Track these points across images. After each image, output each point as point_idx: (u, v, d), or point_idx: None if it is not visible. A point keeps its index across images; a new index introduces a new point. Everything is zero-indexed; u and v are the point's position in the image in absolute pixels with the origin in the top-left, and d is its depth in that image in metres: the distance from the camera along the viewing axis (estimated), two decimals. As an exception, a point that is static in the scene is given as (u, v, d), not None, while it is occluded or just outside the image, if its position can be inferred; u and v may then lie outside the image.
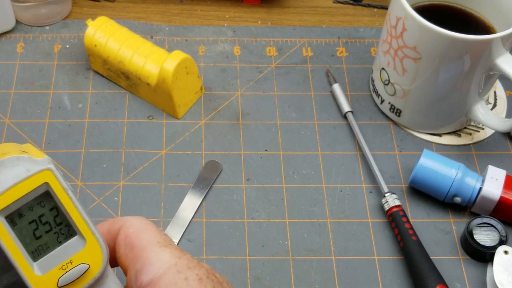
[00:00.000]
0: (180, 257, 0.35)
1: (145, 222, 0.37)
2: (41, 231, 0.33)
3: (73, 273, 0.33)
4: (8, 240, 0.32)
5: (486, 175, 0.54)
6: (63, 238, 0.34)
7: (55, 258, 0.33)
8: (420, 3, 0.59)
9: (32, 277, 0.33)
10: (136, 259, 0.35)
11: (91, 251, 0.33)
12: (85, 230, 0.33)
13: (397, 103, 0.60)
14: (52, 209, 0.33)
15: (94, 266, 0.33)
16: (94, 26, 0.61)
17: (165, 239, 0.36)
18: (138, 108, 0.61)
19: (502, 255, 0.51)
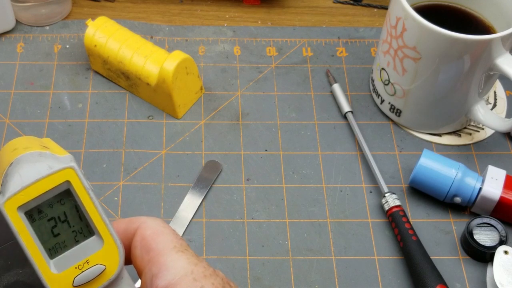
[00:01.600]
0: (196, 264, 0.34)
1: (162, 225, 0.36)
2: (60, 229, 0.33)
3: (89, 273, 0.33)
4: (26, 236, 0.32)
5: (486, 175, 0.54)
6: (81, 238, 0.33)
7: (72, 257, 0.33)
8: (420, 3, 0.59)
9: (48, 274, 0.32)
10: (152, 263, 0.35)
11: (108, 252, 0.33)
12: (104, 231, 0.33)
13: (397, 103, 0.60)
14: (72, 208, 0.33)
15: (110, 268, 0.33)
16: (94, 26, 0.61)
17: (181, 244, 0.35)
18: (138, 108, 0.61)
19: (502, 255, 0.51)
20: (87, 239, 0.33)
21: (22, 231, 0.32)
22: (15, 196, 0.31)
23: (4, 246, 0.51)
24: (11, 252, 0.50)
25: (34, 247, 0.32)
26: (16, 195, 0.31)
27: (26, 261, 0.33)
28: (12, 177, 0.32)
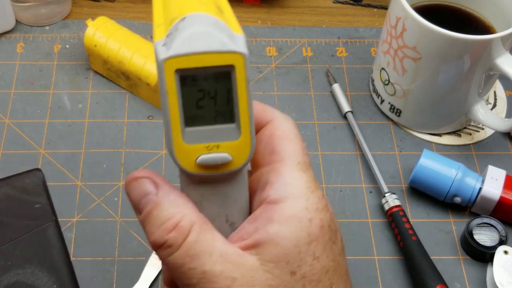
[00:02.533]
0: (313, 191, 0.33)
1: (294, 131, 0.35)
2: (205, 103, 0.32)
3: (215, 158, 0.32)
4: (173, 97, 0.31)
5: (486, 175, 0.54)
6: (221, 121, 0.32)
7: (205, 135, 0.32)
8: (420, 3, 0.59)
9: (178, 141, 0.32)
10: (271, 168, 0.34)
11: (240, 146, 0.32)
12: (245, 125, 0.32)
13: (397, 103, 0.60)
14: (224, 89, 0.32)
15: (236, 161, 0.32)
16: (94, 26, 0.61)
17: (305, 162, 0.34)
18: (138, 108, 0.61)
19: (502, 255, 0.51)
20: (226, 125, 0.32)
21: (171, 90, 0.31)
22: (179, 58, 0.30)
23: (4, 246, 0.51)
24: (11, 252, 0.50)
25: (176, 110, 0.31)
26: (180, 58, 0.30)
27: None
28: (181, 36, 0.31)
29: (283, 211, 0.32)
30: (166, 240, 0.32)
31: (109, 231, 0.53)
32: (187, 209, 0.33)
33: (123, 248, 0.52)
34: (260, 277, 0.32)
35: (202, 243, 0.32)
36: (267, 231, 0.32)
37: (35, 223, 0.52)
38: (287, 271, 0.32)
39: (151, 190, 0.33)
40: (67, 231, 0.53)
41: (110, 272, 0.51)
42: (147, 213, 0.33)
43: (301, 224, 0.32)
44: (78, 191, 0.55)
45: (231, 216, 0.34)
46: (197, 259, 0.32)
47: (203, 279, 0.32)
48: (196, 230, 0.32)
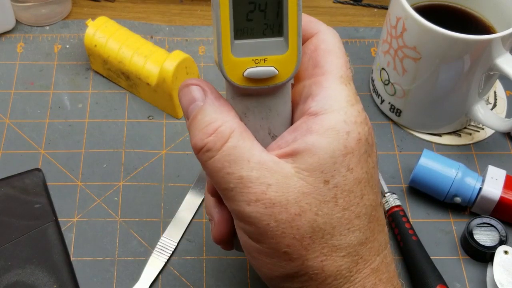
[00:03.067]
0: (353, 104, 0.34)
1: (338, 45, 0.36)
2: (255, 16, 0.32)
3: (262, 71, 0.33)
4: (225, 7, 0.32)
5: (486, 175, 0.54)
6: (269, 34, 0.33)
7: (253, 48, 0.33)
8: (420, 3, 0.59)
9: (227, 53, 0.32)
10: (314, 81, 0.35)
11: (287, 60, 0.33)
12: (293, 39, 0.33)
13: (397, 103, 0.60)
14: (275, 3, 0.32)
15: (282, 75, 0.33)
16: (94, 26, 0.61)
17: (348, 76, 0.35)
18: (138, 108, 0.61)
19: (502, 255, 0.51)
20: (274, 38, 0.33)
21: (223, 2, 0.31)
22: None
23: (4, 246, 0.51)
24: (11, 252, 0.50)
25: (226, 22, 0.32)
26: None
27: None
28: None
29: (322, 123, 0.33)
30: (205, 143, 0.33)
31: (109, 231, 0.53)
32: (229, 116, 0.34)
33: (123, 248, 0.52)
34: (294, 184, 0.33)
35: (240, 149, 0.33)
36: (305, 141, 0.33)
37: (35, 223, 0.52)
38: (321, 180, 0.33)
39: (199, 96, 0.35)
40: (67, 231, 0.53)
41: (110, 272, 0.51)
42: (193, 118, 0.35)
43: (339, 136, 0.33)
44: (78, 191, 0.55)
45: (273, 129, 0.35)
46: (234, 164, 0.33)
47: (239, 184, 0.33)
48: (235, 137, 0.33)
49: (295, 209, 0.33)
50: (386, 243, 0.36)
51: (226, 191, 0.34)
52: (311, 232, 0.33)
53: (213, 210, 0.39)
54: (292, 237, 0.33)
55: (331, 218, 0.33)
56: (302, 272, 0.34)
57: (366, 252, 0.34)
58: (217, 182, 0.34)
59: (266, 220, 0.33)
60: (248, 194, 0.33)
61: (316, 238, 0.33)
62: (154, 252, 0.52)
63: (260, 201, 0.33)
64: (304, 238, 0.33)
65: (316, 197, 0.33)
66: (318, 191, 0.33)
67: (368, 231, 0.34)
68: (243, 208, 0.33)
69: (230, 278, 0.51)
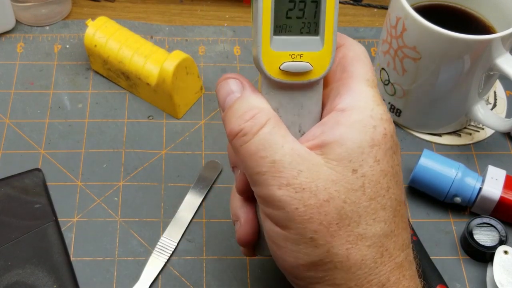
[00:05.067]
0: (379, 104, 0.36)
1: (364, 54, 0.38)
2: (294, 13, 0.35)
3: (297, 66, 0.35)
4: (267, 3, 0.34)
5: (486, 175, 0.54)
6: (306, 32, 0.35)
7: (290, 44, 0.35)
8: (420, 3, 0.59)
9: (266, 46, 0.34)
10: (342, 83, 0.36)
11: (322, 57, 0.35)
12: (329, 37, 0.35)
13: (397, 103, 0.60)
14: (314, 2, 0.34)
15: (316, 71, 0.35)
16: (94, 26, 0.61)
17: (373, 80, 0.37)
18: (138, 108, 0.61)
19: (502, 255, 0.51)
20: (311, 36, 0.35)
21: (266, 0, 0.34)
22: None
23: (4, 246, 0.51)
24: (11, 252, 0.50)
25: (268, 17, 0.34)
26: None
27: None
28: None
29: (349, 117, 0.35)
30: (242, 128, 0.35)
31: (109, 231, 0.53)
32: (265, 106, 0.36)
33: (123, 248, 0.52)
34: (324, 172, 0.34)
35: (275, 135, 0.35)
36: (333, 133, 0.35)
37: (35, 223, 0.52)
38: (349, 169, 0.34)
39: (236, 89, 0.37)
40: (67, 231, 0.53)
41: (110, 272, 0.51)
42: (230, 107, 0.36)
43: (366, 129, 0.35)
44: (78, 191, 0.55)
45: (304, 126, 0.37)
46: (269, 148, 0.34)
47: (272, 167, 0.34)
48: (271, 124, 0.35)
49: (324, 195, 0.33)
50: (409, 242, 0.37)
51: (258, 175, 0.34)
52: (338, 219, 0.34)
53: (240, 210, 0.40)
54: (319, 223, 0.33)
55: (358, 206, 0.34)
56: (327, 259, 0.34)
57: (391, 245, 0.35)
58: (249, 167, 0.35)
59: (295, 205, 0.33)
60: (279, 178, 0.34)
61: (343, 226, 0.34)
62: (154, 252, 0.52)
63: (291, 185, 0.33)
64: (331, 225, 0.34)
65: (344, 185, 0.34)
66: (346, 179, 0.34)
67: (393, 224, 0.35)
68: (273, 191, 0.34)
69: (230, 278, 0.51)
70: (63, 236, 0.52)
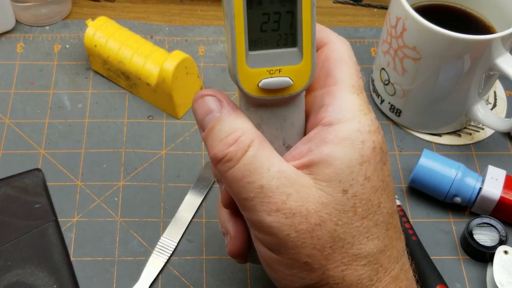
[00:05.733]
0: (366, 114, 0.34)
1: (349, 54, 0.36)
2: (269, 26, 0.33)
3: (276, 82, 0.33)
4: (239, 19, 0.32)
5: (486, 175, 0.54)
6: (283, 44, 0.33)
7: (267, 59, 0.33)
8: (420, 3, 0.59)
9: (242, 64, 0.32)
10: (326, 92, 0.35)
11: (301, 70, 0.33)
12: (307, 48, 0.33)
13: (397, 103, 0.60)
14: (289, 13, 0.32)
15: (296, 85, 0.33)
16: (94, 26, 0.61)
17: (359, 85, 0.35)
18: (138, 108, 0.61)
19: (502, 255, 0.51)
20: (288, 49, 0.33)
21: (238, 13, 0.31)
22: None
23: (4, 246, 0.51)
24: (11, 252, 0.50)
25: (241, 33, 0.32)
26: None
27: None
28: None
29: (336, 133, 0.33)
30: (226, 153, 0.33)
31: (109, 231, 0.53)
32: (247, 126, 0.34)
33: (123, 248, 0.52)
34: (314, 195, 0.33)
35: (260, 158, 0.33)
36: (320, 152, 0.33)
37: (35, 223, 0.52)
38: (339, 189, 0.33)
39: (214, 107, 0.35)
40: (67, 231, 0.53)
41: (110, 272, 0.51)
42: (210, 129, 0.34)
43: (354, 146, 0.33)
44: (78, 191, 0.55)
45: (288, 139, 0.35)
46: (255, 173, 0.33)
47: (260, 193, 0.33)
48: (255, 146, 0.33)
49: (315, 219, 0.33)
50: (403, 250, 0.36)
51: (246, 201, 0.33)
52: (331, 242, 0.33)
53: (228, 224, 0.39)
54: (313, 247, 0.33)
55: (351, 227, 0.33)
56: (323, 282, 0.34)
57: (386, 260, 0.34)
58: (236, 192, 0.34)
59: (286, 231, 0.33)
60: (268, 204, 0.33)
61: (337, 248, 0.33)
62: (154, 252, 0.52)
63: (280, 211, 0.32)
64: (324, 248, 0.33)
65: (335, 207, 0.33)
66: (337, 201, 0.33)
67: (386, 239, 0.34)
68: (263, 218, 0.33)
69: (230, 278, 0.51)
70: (63, 236, 0.52)
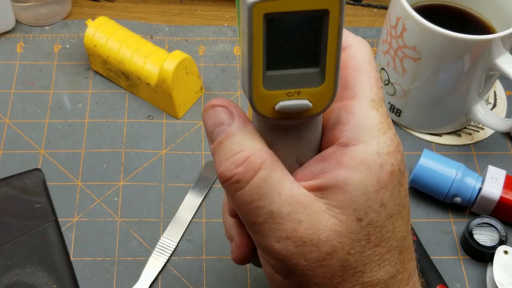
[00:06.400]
0: (385, 132, 0.33)
1: (369, 60, 0.33)
2: (290, 46, 0.29)
3: (295, 105, 0.30)
4: (259, 41, 0.28)
5: (486, 175, 0.54)
6: (304, 65, 0.30)
7: (286, 80, 0.30)
8: (420, 3, 0.59)
9: (258, 87, 0.30)
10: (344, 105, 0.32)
11: (322, 93, 0.30)
12: (331, 69, 0.30)
13: (397, 103, 0.60)
14: (312, 33, 0.29)
15: (316, 107, 0.31)
16: (94, 26, 0.61)
17: (380, 98, 0.33)
18: (138, 108, 0.61)
19: (502, 255, 0.51)
20: (309, 70, 0.30)
21: (257, 35, 0.28)
22: (269, 3, 0.28)
23: (4, 246, 0.51)
24: (11, 252, 0.50)
25: (259, 52, 0.29)
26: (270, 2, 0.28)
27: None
28: None
29: (353, 156, 0.31)
30: (234, 174, 0.31)
31: (109, 231, 0.53)
32: (259, 144, 0.32)
33: (123, 248, 0.52)
34: (326, 222, 0.31)
35: (271, 181, 0.31)
36: (335, 176, 0.31)
37: (35, 223, 0.52)
38: (354, 217, 0.31)
39: (225, 120, 0.33)
40: (67, 231, 0.53)
41: (110, 272, 0.51)
42: (219, 143, 0.32)
43: (371, 171, 0.31)
44: (78, 191, 0.55)
45: (302, 157, 0.33)
46: (265, 197, 0.31)
47: (270, 219, 0.31)
48: (266, 168, 0.31)
49: (327, 248, 0.31)
50: (414, 269, 0.35)
51: (255, 225, 0.32)
52: (342, 270, 0.31)
53: (234, 231, 0.38)
54: (322, 276, 0.31)
55: (363, 256, 0.32)
56: None
57: (396, 284, 0.33)
58: (245, 215, 0.32)
59: (296, 259, 0.31)
60: (278, 231, 0.31)
61: (347, 277, 0.32)
62: (154, 252, 0.52)
63: (290, 239, 0.31)
64: (334, 277, 0.32)
65: (348, 235, 0.31)
66: (350, 229, 0.31)
67: (398, 264, 0.33)
68: (272, 244, 0.31)
69: (230, 278, 0.51)
70: (63, 236, 0.52)
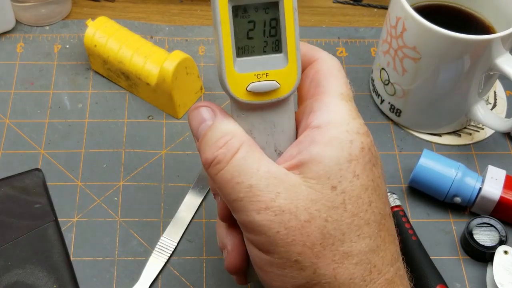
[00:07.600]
0: (354, 118, 0.35)
1: (338, 68, 0.37)
2: (255, 34, 0.34)
3: (264, 85, 0.35)
4: (226, 28, 0.33)
5: (486, 175, 0.54)
6: (269, 50, 0.35)
7: (254, 64, 0.35)
8: (420, 3, 0.59)
9: (230, 70, 0.34)
10: (315, 99, 0.36)
11: (287, 73, 0.35)
12: (292, 53, 0.35)
13: (397, 103, 0.60)
14: (273, 20, 0.34)
15: (284, 88, 0.35)
16: (94, 26, 0.61)
17: (348, 94, 0.36)
18: (138, 108, 0.61)
19: (502, 255, 0.51)
20: (274, 54, 0.35)
21: (224, 21, 0.33)
22: None
23: (4, 246, 0.51)
24: (11, 252, 0.50)
25: (228, 40, 0.34)
26: None
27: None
28: None
29: (325, 134, 0.34)
30: (216, 156, 0.34)
31: (109, 231, 0.53)
32: (237, 130, 0.35)
33: (123, 248, 0.52)
34: (303, 192, 0.33)
35: (249, 160, 0.34)
36: (309, 152, 0.34)
37: (35, 223, 0.52)
38: (328, 186, 0.33)
39: (208, 117, 0.36)
40: (67, 231, 0.53)
41: (110, 272, 0.51)
42: (203, 136, 0.36)
43: (342, 145, 0.34)
44: (78, 191, 0.55)
45: (279, 145, 0.37)
46: (244, 173, 0.34)
47: (249, 192, 0.33)
48: (244, 148, 0.34)
49: (305, 215, 0.33)
50: (398, 255, 0.36)
51: (236, 202, 0.34)
52: (321, 238, 0.33)
53: (226, 238, 0.40)
54: (303, 244, 0.33)
55: (341, 224, 0.33)
56: (314, 281, 0.34)
57: (379, 261, 0.34)
58: (226, 194, 0.34)
59: (276, 228, 0.33)
60: (257, 203, 0.33)
61: (327, 245, 0.33)
62: (154, 252, 0.52)
63: (269, 209, 0.33)
64: (314, 245, 0.33)
65: (324, 203, 0.33)
66: (326, 197, 0.33)
67: (378, 239, 0.35)
68: (252, 217, 0.33)
69: (230, 278, 0.51)
70: (63, 236, 0.52)
